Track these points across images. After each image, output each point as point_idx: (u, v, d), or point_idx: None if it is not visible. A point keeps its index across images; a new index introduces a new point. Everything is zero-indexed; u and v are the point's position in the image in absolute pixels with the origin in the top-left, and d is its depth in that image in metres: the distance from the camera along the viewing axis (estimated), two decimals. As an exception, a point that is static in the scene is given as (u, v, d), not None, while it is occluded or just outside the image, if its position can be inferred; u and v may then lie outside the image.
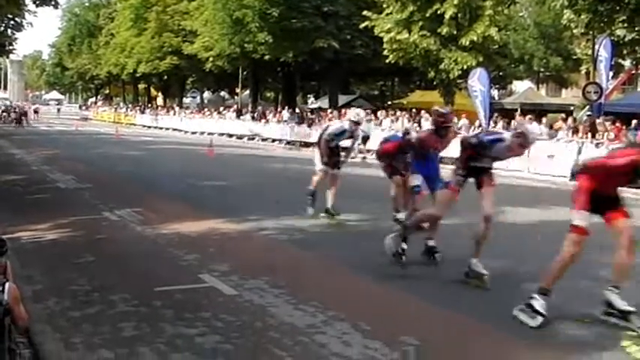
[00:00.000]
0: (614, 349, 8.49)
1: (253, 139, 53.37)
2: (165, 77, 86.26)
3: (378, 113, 45.28)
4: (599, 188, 9.53)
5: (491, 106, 37.45)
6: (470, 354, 8.34)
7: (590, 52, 38.69)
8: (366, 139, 39.43)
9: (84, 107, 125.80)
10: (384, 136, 21.81)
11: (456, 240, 14.79)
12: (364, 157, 23.13)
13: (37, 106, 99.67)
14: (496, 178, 12.01)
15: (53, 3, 31.50)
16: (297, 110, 56.25)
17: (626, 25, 35.47)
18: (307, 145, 45.80)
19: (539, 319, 9.27)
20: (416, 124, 39.42)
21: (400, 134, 16.30)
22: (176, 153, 39.21)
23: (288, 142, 48.87)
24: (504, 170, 30.57)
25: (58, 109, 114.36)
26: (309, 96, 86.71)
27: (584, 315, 9.75)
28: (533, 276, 11.63)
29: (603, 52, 35.31)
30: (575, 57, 55.11)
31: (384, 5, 42.91)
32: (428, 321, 9.50)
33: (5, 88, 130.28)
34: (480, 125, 35.33)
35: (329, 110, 50.90)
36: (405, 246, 12.31)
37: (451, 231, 16.34)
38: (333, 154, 18.04)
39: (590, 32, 37.26)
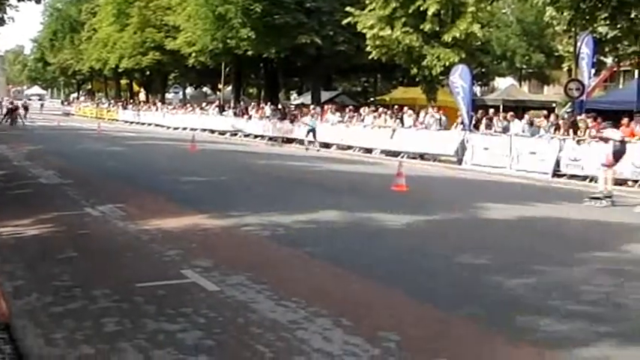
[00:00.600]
0: (593, 344, 8.53)
1: (236, 134, 53.34)
2: (148, 73, 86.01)
3: (361, 110, 45.22)
4: None
5: (473, 102, 37.51)
6: (450, 349, 8.36)
7: (572, 49, 38.72)
8: (312, 131, 42.34)
9: (66, 103, 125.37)
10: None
11: (436, 237, 14.90)
12: (307, 149, 23.74)
13: (25, 101, 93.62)
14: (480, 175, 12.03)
15: (35, -2, 31.35)
16: (280, 106, 56.23)
17: (607, 22, 35.54)
18: (289, 140, 45.85)
19: None
20: (398, 121, 39.50)
21: None
22: (158, 149, 39.21)
23: (271, 138, 48.85)
24: (488, 167, 30.86)
25: (42, 105, 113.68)
26: (291, 92, 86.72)
27: (564, 310, 9.79)
28: (515, 272, 11.73)
29: (585, 49, 35.42)
30: (557, 54, 55.20)
31: (367, 1, 42.88)
32: (409, 316, 9.53)
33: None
34: (461, 122, 35.40)
35: (311, 106, 50.85)
36: None
37: (433, 227, 16.46)
38: None
39: (572, 29, 37.31)
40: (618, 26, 35.68)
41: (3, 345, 7.08)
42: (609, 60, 46.16)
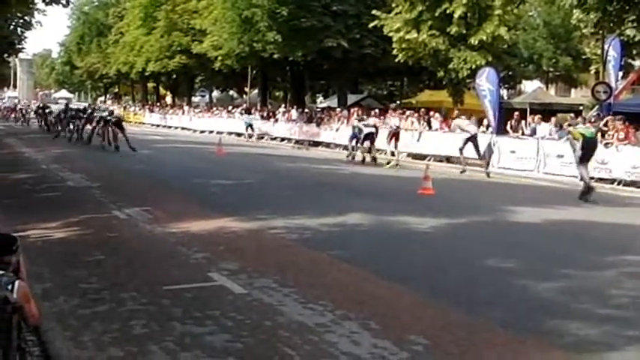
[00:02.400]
0: (623, 348, 8.48)
1: (262, 137, 53.36)
2: (174, 76, 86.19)
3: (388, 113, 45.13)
4: None
5: (500, 105, 37.37)
6: (478, 353, 8.34)
7: (599, 51, 38.58)
8: (250, 126, 51.64)
9: (93, 106, 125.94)
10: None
11: (463, 241, 14.85)
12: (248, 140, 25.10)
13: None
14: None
15: (63, 1, 31.42)
16: (306, 109, 56.21)
17: (635, 24, 35.35)
18: (316, 144, 45.83)
19: None
20: (425, 124, 39.43)
21: None
22: (185, 152, 39.25)
23: (297, 142, 48.86)
24: (514, 170, 30.74)
25: None
26: (317, 95, 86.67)
27: (592, 314, 9.74)
28: (542, 276, 11.67)
29: (613, 52, 35.26)
30: (584, 57, 54.91)
31: (393, 4, 42.84)
32: (437, 320, 9.50)
33: (15, 86, 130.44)
34: (488, 125, 35.28)
35: (338, 109, 50.83)
36: None
37: (460, 231, 16.41)
38: None
39: (600, 32, 37.16)
40: (646, 29, 35.51)
41: (32, 347, 7.11)
42: (637, 62, 45.91)
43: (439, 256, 13.59)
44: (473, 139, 31.48)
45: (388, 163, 33.82)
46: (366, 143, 34.75)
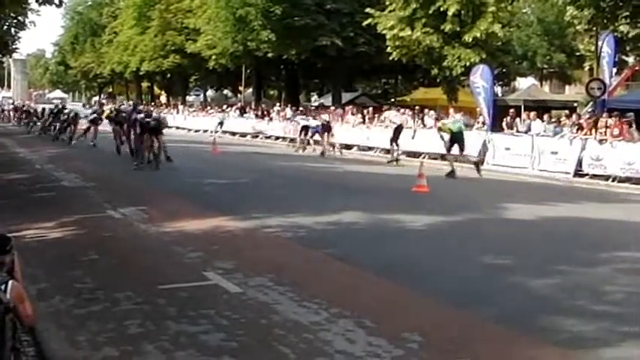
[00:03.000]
0: (618, 344, 8.49)
1: (257, 136, 53.30)
2: (169, 75, 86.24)
3: (384, 111, 45.10)
4: None
5: (494, 103, 37.38)
6: (474, 350, 8.34)
7: (593, 48, 38.58)
8: (221, 124, 54.64)
9: (87, 106, 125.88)
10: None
11: (457, 238, 14.88)
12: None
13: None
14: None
15: (57, 1, 31.37)
16: (301, 108, 56.19)
17: (629, 21, 35.41)
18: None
19: None
20: (419, 121, 39.43)
21: None
22: (180, 151, 39.23)
23: (292, 140, 48.81)
24: (509, 167, 30.77)
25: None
26: (312, 93, 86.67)
27: (587, 310, 9.76)
28: (537, 273, 11.69)
29: (606, 49, 35.26)
30: (578, 53, 55.02)
31: (387, 2, 42.80)
32: (431, 317, 9.52)
33: (9, 87, 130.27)
34: (483, 122, 35.31)
35: (332, 107, 50.82)
36: None
37: (454, 228, 16.43)
38: None
39: (594, 28, 37.19)
40: (639, 25, 35.55)
41: (27, 347, 7.11)
42: (631, 59, 45.95)
43: (434, 254, 13.60)
44: (398, 129, 34.66)
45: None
46: (316, 137, 39.94)
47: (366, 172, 29.50)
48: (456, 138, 28.49)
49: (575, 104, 44.73)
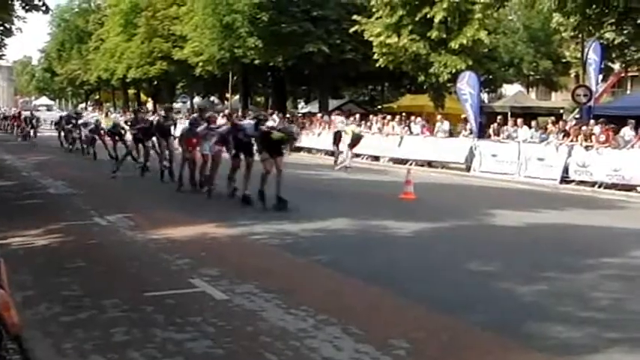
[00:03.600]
0: (604, 350, 8.51)
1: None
2: (155, 82, 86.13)
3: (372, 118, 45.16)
4: None
5: (480, 109, 37.50)
6: (460, 356, 8.35)
7: (579, 55, 38.77)
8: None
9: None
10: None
11: (444, 245, 14.89)
12: None
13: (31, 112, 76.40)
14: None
15: (43, 8, 31.36)
16: (288, 115, 56.19)
17: (614, 28, 35.58)
18: (298, 149, 45.78)
19: None
20: (406, 128, 39.48)
21: None
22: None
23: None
24: (496, 173, 30.84)
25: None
26: (299, 101, 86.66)
27: (574, 316, 9.78)
28: (524, 279, 11.72)
29: (593, 55, 35.40)
30: (564, 60, 55.20)
31: (374, 9, 42.91)
32: (419, 324, 9.50)
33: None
34: (470, 129, 35.40)
35: (319, 115, 50.85)
36: None
37: (442, 235, 16.45)
38: None
39: (580, 35, 37.36)
40: (625, 32, 35.72)
41: (13, 355, 7.08)
42: (617, 66, 46.13)
43: (421, 261, 13.61)
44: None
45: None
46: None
47: (355, 179, 29.50)
48: (357, 137, 34.92)
49: (562, 111, 44.86)
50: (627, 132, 28.22)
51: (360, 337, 8.82)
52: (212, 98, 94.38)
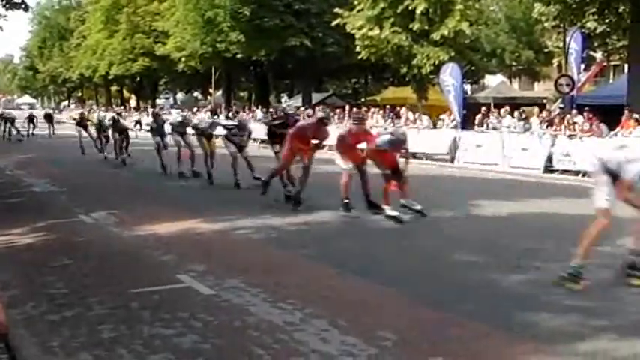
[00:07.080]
0: (590, 337, 8.53)
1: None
2: (138, 79, 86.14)
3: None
4: None
5: (464, 100, 37.56)
6: (448, 347, 8.35)
7: (561, 44, 38.98)
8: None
9: (57, 111, 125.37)
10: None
11: (431, 236, 14.91)
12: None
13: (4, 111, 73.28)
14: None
15: (23, 6, 31.22)
16: (271, 109, 56.15)
17: (596, 17, 35.66)
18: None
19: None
20: (389, 120, 39.51)
21: None
22: (151, 154, 39.13)
23: (263, 141, 48.70)
24: (480, 164, 30.89)
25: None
26: (282, 95, 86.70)
27: (561, 305, 9.80)
28: (510, 269, 11.74)
29: (574, 45, 35.52)
30: (546, 50, 55.44)
31: (356, 2, 42.97)
32: (405, 315, 9.51)
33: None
34: (453, 120, 35.46)
35: (302, 108, 50.83)
36: None
37: (427, 226, 16.46)
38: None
39: (561, 25, 37.51)
40: (607, 21, 35.81)
41: (1, 355, 7.05)
42: (599, 55, 46.30)
43: (407, 252, 13.61)
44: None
45: None
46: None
47: (338, 171, 29.45)
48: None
49: (545, 100, 44.99)
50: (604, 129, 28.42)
51: (347, 329, 8.83)
52: (195, 93, 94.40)
